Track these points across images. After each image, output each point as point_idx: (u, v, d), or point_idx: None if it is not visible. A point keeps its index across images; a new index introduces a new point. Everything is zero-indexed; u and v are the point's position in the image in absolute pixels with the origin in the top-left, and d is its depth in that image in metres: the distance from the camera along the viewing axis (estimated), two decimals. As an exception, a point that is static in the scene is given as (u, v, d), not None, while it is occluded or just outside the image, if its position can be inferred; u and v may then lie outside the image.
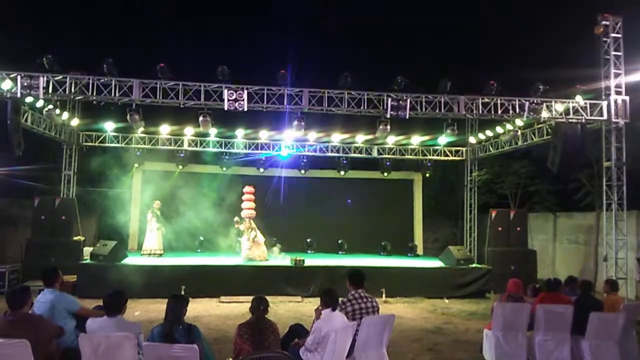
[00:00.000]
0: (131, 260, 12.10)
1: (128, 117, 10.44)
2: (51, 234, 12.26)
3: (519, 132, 12.26)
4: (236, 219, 13.14)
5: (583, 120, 10.64)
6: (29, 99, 10.12)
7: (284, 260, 12.76)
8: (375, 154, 15.73)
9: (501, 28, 18.58)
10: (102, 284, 9.94)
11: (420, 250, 16.27)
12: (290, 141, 15.03)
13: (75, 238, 12.52)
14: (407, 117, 10.48)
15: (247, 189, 13.61)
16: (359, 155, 15.69)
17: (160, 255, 12.97)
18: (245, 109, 10.09)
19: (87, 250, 12.32)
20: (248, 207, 13.30)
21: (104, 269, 10.91)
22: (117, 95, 9.93)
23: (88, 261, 11.56)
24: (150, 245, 12.99)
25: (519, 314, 6.42)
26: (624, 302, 7.17)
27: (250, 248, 12.65)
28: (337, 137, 15.10)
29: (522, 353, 6.42)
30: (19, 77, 9.36)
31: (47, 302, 5.00)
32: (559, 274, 12.70)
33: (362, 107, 10.66)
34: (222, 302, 10.69)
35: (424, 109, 10.69)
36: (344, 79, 10.56)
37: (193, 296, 10.19)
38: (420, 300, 11.41)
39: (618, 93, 10.52)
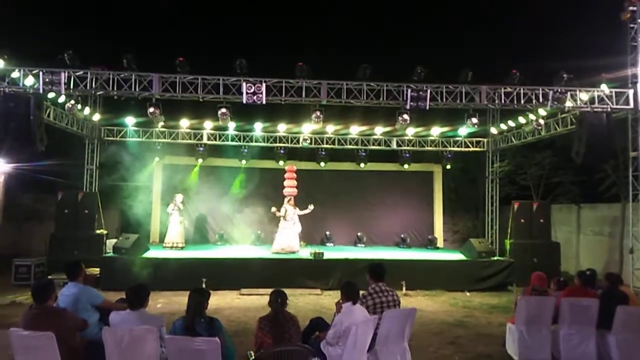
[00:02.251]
0: (153, 253, 12.25)
1: (148, 111, 10.52)
2: (74, 227, 12.45)
3: (542, 122, 11.99)
4: (273, 209, 13.17)
5: (608, 109, 10.36)
6: (51, 95, 10.24)
7: (303, 252, 12.77)
8: (394, 145, 15.59)
9: (524, 16, 18.22)
10: (124, 277, 10.13)
11: (440, 243, 16.12)
12: (308, 134, 15.00)
13: (98, 231, 12.71)
14: (427, 108, 10.32)
15: (289, 167, 13.84)
16: (377, 147, 15.57)
17: (182, 248, 13.11)
18: (264, 102, 10.07)
19: (110, 243, 12.52)
20: (290, 185, 13.40)
21: (126, 262, 11.05)
22: (137, 90, 10.00)
23: (111, 254, 11.74)
24: (172, 238, 13.16)
25: (543, 308, 6.31)
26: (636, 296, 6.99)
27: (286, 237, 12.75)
28: (355, 129, 14.99)
29: (546, 347, 6.32)
30: (40, 73, 9.48)
31: (71, 295, 5.07)
32: (583, 267, 12.41)
33: (381, 99, 10.54)
34: (243, 294, 10.76)
35: (444, 100, 10.51)
36: (363, 70, 10.44)
37: (214, 289, 10.26)
38: (441, 293, 11.31)
39: (645, 81, 10.21)
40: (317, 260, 11.88)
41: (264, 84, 9.98)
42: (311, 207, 13.08)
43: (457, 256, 13.08)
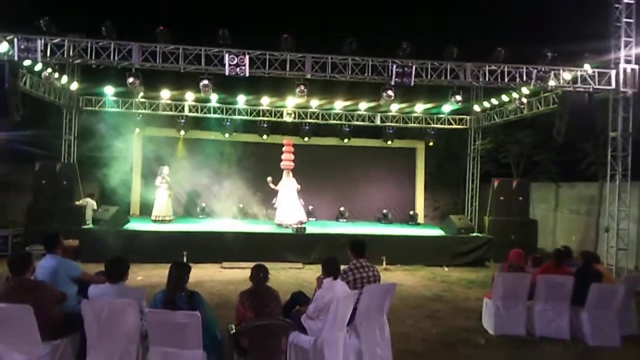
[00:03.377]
0: (133, 225, 12.15)
1: (127, 81, 10.28)
2: (53, 198, 12.26)
3: (525, 101, 12.06)
4: (269, 178, 13.17)
5: (591, 90, 10.44)
6: (26, 62, 9.94)
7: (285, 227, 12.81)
8: (378, 121, 15.58)
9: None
10: (104, 249, 10.02)
11: (421, 219, 16.31)
12: (292, 108, 14.86)
13: (77, 202, 12.53)
14: (412, 84, 10.28)
15: (287, 141, 13.82)
16: (362, 123, 15.54)
17: (170, 221, 13.04)
18: (247, 75, 9.90)
19: (89, 214, 12.37)
20: (287, 158, 13.41)
21: (106, 234, 10.95)
22: (116, 59, 9.73)
23: (90, 226, 11.61)
24: (160, 212, 13.04)
25: (520, 284, 6.46)
26: (610, 273, 7.20)
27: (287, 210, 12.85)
28: (340, 104, 14.90)
29: (521, 322, 6.50)
30: (15, 39, 9.13)
31: (49, 267, 4.99)
32: (559, 244, 12.71)
33: (366, 74, 10.45)
34: (224, 267, 10.78)
35: (429, 76, 10.47)
36: (348, 44, 10.31)
37: (195, 262, 10.25)
38: (421, 268, 11.50)
39: (628, 62, 10.28)
40: (299, 234, 11.94)
41: (247, 56, 9.80)
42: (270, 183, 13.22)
43: (437, 232, 13.26)
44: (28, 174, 13.22)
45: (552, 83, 10.51)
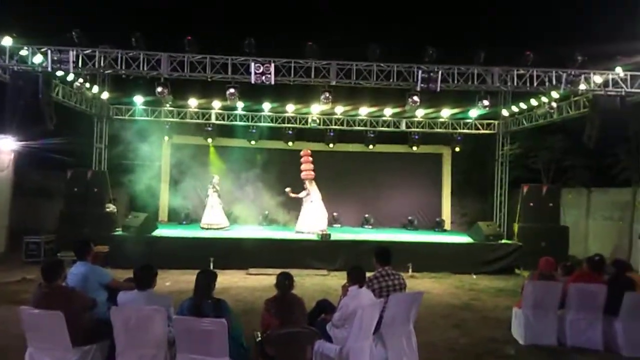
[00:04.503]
0: (161, 231, 12.34)
1: (156, 91, 10.49)
2: (84, 205, 12.55)
3: (555, 105, 11.81)
4: (288, 189, 13.27)
5: (623, 93, 10.16)
6: (59, 73, 10.24)
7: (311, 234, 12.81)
8: (403, 127, 15.46)
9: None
10: (133, 255, 10.22)
11: (447, 226, 16.11)
12: (317, 114, 14.89)
13: (107, 209, 12.80)
14: (438, 89, 10.18)
15: (304, 151, 13.79)
16: (387, 128, 15.46)
17: (223, 229, 13.30)
18: (273, 82, 9.99)
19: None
20: (306, 168, 13.43)
21: (135, 241, 11.16)
22: (145, 69, 9.95)
23: (120, 232, 11.85)
24: (211, 220, 13.34)
25: (550, 293, 6.31)
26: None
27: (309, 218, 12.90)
28: (364, 110, 14.86)
29: (552, 332, 6.34)
30: (49, 51, 9.46)
31: (80, 274, 5.11)
32: (591, 252, 12.35)
33: (391, 80, 10.40)
34: (250, 274, 10.84)
35: (456, 81, 10.36)
36: (373, 50, 10.30)
37: (222, 268, 10.40)
38: (448, 276, 11.33)
39: (662, 64, 10.00)
40: (324, 241, 11.92)
41: (272, 64, 9.90)
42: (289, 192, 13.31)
43: (465, 239, 13.06)
44: (60, 181, 13.58)
45: (582, 87, 10.27)
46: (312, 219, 12.92)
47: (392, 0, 19.86)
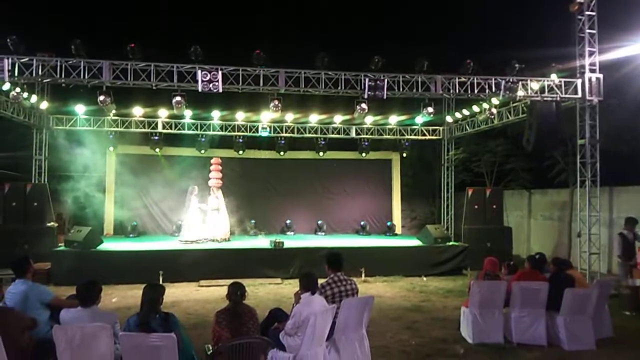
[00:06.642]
0: (107, 245, 11.90)
1: (98, 99, 10.15)
2: (23, 220, 11.96)
3: (495, 111, 12.32)
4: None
5: (558, 99, 10.74)
6: (-7, 82, 9.74)
7: (263, 242, 12.72)
8: (353, 134, 15.69)
9: (477, 6, 18.55)
10: (78, 271, 9.81)
11: (398, 230, 16.41)
12: (267, 122, 14.85)
13: (48, 224, 12.23)
14: (385, 97, 10.42)
15: (215, 160, 13.79)
16: (337, 135, 15.64)
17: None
18: (220, 90, 9.89)
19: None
20: (215, 177, 13.43)
21: (79, 256, 10.70)
22: (86, 77, 9.61)
23: (62, 248, 11.34)
24: (192, 235, 12.57)
25: (496, 292, 6.54)
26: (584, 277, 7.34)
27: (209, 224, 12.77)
28: (314, 118, 14.96)
29: (498, 329, 6.56)
30: (-19, 59, 8.98)
31: (19, 293, 4.87)
32: (534, 250, 12.94)
33: (339, 88, 10.55)
34: (202, 286, 10.62)
35: (401, 89, 10.65)
36: (321, 59, 10.40)
37: (172, 281, 10.18)
38: (399, 279, 11.53)
39: (592, 71, 10.62)
40: (277, 249, 11.86)
41: (220, 72, 9.80)
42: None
43: (414, 242, 13.34)
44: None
45: (520, 93, 10.79)
46: (218, 225, 12.96)
47: (339, 10, 20.17)
